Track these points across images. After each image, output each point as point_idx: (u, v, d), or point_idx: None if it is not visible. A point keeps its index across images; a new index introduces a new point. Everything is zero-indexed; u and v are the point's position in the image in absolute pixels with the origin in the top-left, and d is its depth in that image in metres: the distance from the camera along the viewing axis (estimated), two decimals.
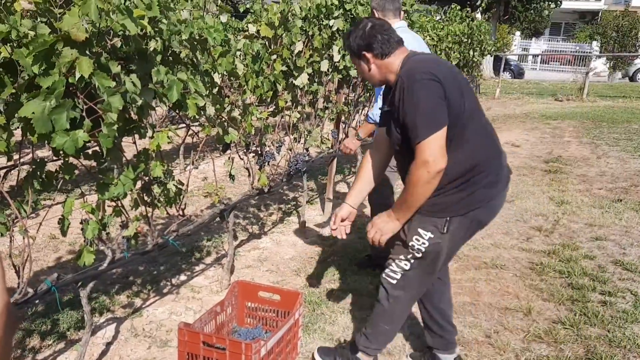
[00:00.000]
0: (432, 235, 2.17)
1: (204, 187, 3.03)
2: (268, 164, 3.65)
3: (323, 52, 3.89)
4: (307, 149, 4.24)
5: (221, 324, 2.70)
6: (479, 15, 17.01)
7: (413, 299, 2.45)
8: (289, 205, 5.29)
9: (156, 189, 2.65)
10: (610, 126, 10.35)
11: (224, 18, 2.76)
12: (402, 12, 3.55)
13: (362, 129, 3.70)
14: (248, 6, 3.49)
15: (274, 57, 3.38)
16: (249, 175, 3.52)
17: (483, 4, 14.00)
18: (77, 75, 1.80)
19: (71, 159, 2.11)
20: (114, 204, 2.41)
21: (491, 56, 17.62)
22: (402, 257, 2.28)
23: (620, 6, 29.56)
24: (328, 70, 4.00)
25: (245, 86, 3.07)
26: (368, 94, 5.30)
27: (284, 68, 3.49)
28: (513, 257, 4.06)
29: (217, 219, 3.35)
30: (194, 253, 3.99)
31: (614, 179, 6.43)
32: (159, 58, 2.17)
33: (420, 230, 2.19)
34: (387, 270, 2.35)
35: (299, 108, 3.95)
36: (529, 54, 27.20)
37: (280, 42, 3.43)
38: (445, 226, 2.15)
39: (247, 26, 3.39)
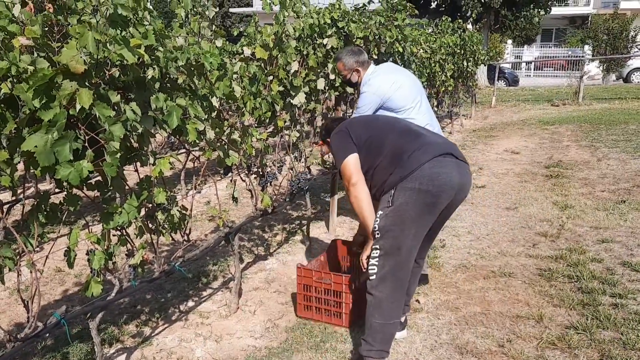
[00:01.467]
0: (381, 212, 2.59)
1: (208, 211, 3.03)
2: (270, 185, 3.65)
3: (319, 70, 3.92)
4: (308, 167, 4.25)
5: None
6: (469, 26, 17.16)
7: (397, 286, 2.62)
8: (293, 225, 5.29)
9: (160, 216, 2.65)
10: (608, 128, 10.38)
11: (219, 43, 2.79)
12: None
13: None
14: (241, 29, 3.52)
15: (271, 78, 3.40)
16: (252, 196, 3.52)
17: (473, 15, 14.11)
18: (78, 107, 1.82)
19: (75, 190, 2.12)
20: (119, 232, 2.41)
21: (485, 66, 17.73)
22: (373, 245, 2.64)
23: (609, 9, 29.82)
24: (325, 88, 4.03)
25: (244, 108, 3.09)
26: None
27: (281, 88, 3.51)
28: (521, 265, 4.04)
29: (222, 242, 3.35)
30: (200, 278, 3.98)
31: (615, 180, 6.42)
32: (157, 85, 2.18)
33: (376, 215, 2.63)
34: (369, 268, 2.67)
35: (298, 127, 3.97)
36: (522, 61, 27.37)
37: (276, 63, 3.45)
38: (390, 200, 2.56)
39: (241, 49, 3.42)
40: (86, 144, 1.85)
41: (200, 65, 2.45)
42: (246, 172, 3.34)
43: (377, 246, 2.60)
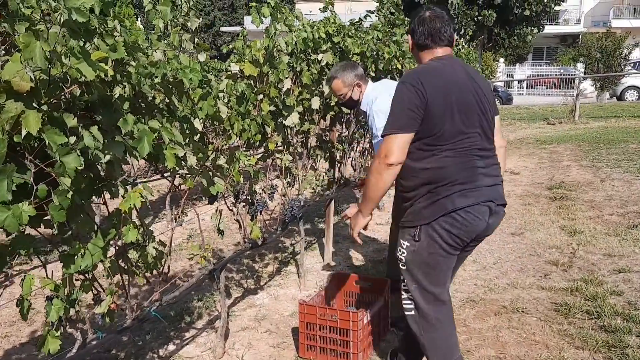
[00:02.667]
0: (408, 244, 2.29)
1: (189, 248, 2.70)
2: (260, 214, 3.32)
3: (313, 88, 3.62)
4: (302, 193, 3.92)
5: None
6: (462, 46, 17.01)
7: (443, 326, 2.34)
8: (286, 254, 4.94)
9: (133, 254, 2.31)
10: (607, 147, 10.13)
11: (202, 57, 2.48)
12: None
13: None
14: (231, 47, 3.22)
15: (261, 96, 3.09)
16: (240, 227, 3.18)
17: (468, 33, 13.97)
18: (24, 133, 1.49)
19: (28, 229, 1.78)
20: (82, 277, 2.07)
21: None
22: (402, 278, 2.38)
23: (599, 28, 29.99)
24: (319, 107, 3.72)
25: (231, 130, 2.77)
26: (362, 130, 5.03)
27: (272, 108, 3.20)
28: (533, 298, 3.71)
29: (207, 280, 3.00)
30: (183, 317, 3.61)
31: (623, 202, 6.13)
32: (126, 106, 1.86)
33: (400, 241, 2.34)
34: (403, 304, 2.40)
35: (291, 149, 3.65)
36: (516, 80, 27.33)
37: (267, 80, 3.14)
38: (417, 234, 2.25)
39: (230, 65, 3.11)
40: (31, 180, 1.51)
41: (179, 82, 2.13)
42: (233, 200, 3.00)
43: (407, 280, 2.35)
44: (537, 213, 5.89)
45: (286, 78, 3.24)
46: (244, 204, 3.27)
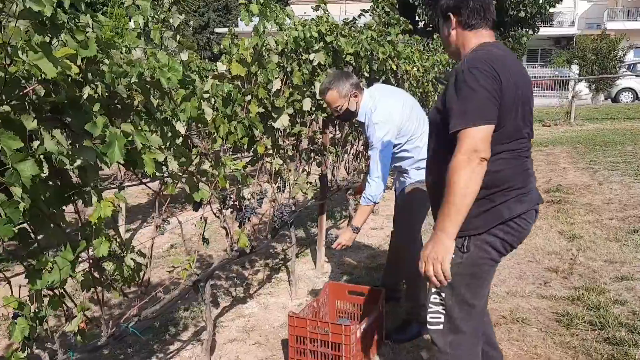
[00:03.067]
0: (453, 256, 1.86)
1: (170, 261, 2.54)
2: (249, 220, 3.16)
3: (304, 89, 3.46)
4: (293, 197, 3.77)
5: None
6: None
7: (471, 340, 2.06)
8: (277, 260, 4.78)
9: (108, 266, 2.15)
10: (604, 150, 10.03)
11: (184, 56, 2.32)
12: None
13: (359, 216, 3.12)
14: (222, 46, 3.05)
15: (249, 97, 2.93)
16: (227, 235, 3.02)
17: None
18: None
19: None
20: (51, 292, 1.90)
21: None
22: (433, 290, 2.01)
23: (594, 30, 30.00)
24: (311, 109, 3.56)
25: (216, 134, 2.61)
26: (357, 133, 4.88)
27: (261, 110, 3.04)
28: (534, 308, 3.57)
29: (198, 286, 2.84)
30: (168, 328, 3.45)
31: (622, 206, 6.00)
32: (97, 107, 1.70)
33: None
34: (428, 318, 2.06)
35: (281, 152, 3.49)
36: None
37: (255, 80, 2.99)
38: (465, 245, 1.94)
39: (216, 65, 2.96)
40: None
41: (156, 82, 1.97)
42: (219, 207, 2.84)
43: (443, 294, 2.01)
44: None
45: (276, 78, 3.09)
46: (232, 210, 3.12)
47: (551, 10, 22.91)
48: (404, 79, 5.34)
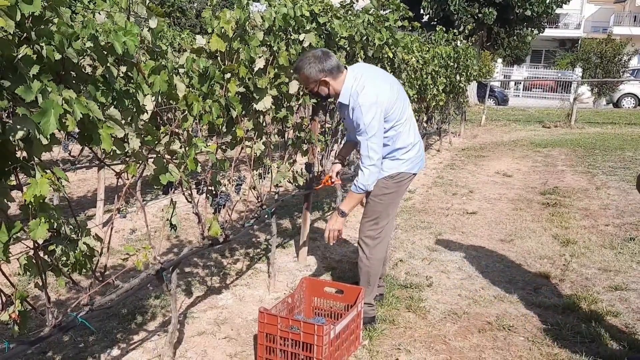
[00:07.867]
0: None
1: (124, 248, 2.33)
2: (224, 207, 2.96)
3: (291, 71, 3.25)
4: (276, 186, 3.56)
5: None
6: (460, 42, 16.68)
7: None
8: (259, 250, 4.58)
9: (58, 250, 1.95)
10: (603, 154, 9.85)
11: (153, 23, 2.10)
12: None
13: (347, 201, 2.99)
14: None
15: (229, 75, 2.72)
16: (199, 222, 2.82)
17: (467, 29, 13.59)
18: None
19: None
20: None
21: (476, 82, 17.26)
22: None
23: (599, 34, 29.77)
24: (298, 92, 3.35)
25: (187, 112, 2.40)
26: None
27: (242, 89, 2.84)
28: (522, 315, 3.39)
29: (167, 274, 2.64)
30: (135, 316, 3.25)
31: (619, 213, 5.82)
32: (35, 69, 1.49)
33: None
34: None
35: (264, 138, 3.29)
36: (513, 80, 27.01)
37: (237, 57, 2.78)
38: None
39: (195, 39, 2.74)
40: None
41: (110, 47, 1.76)
42: (190, 191, 2.64)
43: None
44: (529, 219, 5.57)
45: (259, 57, 2.88)
46: (206, 195, 2.92)
47: (558, 11, 22.67)
48: (402, 68, 5.12)
